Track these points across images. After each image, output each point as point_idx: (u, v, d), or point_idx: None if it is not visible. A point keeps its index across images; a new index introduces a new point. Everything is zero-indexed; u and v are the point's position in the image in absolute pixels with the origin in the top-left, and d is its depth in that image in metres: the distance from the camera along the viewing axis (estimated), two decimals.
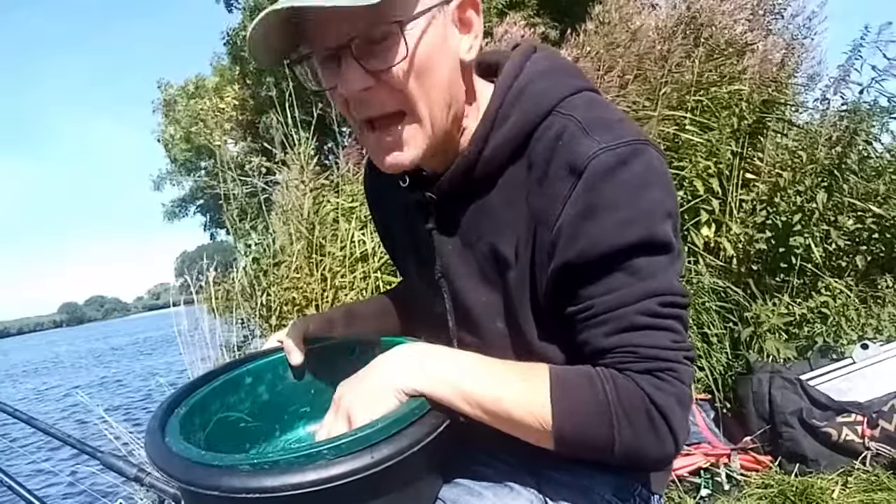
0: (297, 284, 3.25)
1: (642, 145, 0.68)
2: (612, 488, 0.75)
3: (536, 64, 0.76)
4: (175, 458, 0.66)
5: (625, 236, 0.65)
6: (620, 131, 0.68)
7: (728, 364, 2.63)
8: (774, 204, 2.80)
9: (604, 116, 0.71)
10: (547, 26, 8.44)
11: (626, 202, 0.66)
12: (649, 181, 0.67)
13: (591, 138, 0.68)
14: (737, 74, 3.31)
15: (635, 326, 0.67)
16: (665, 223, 0.67)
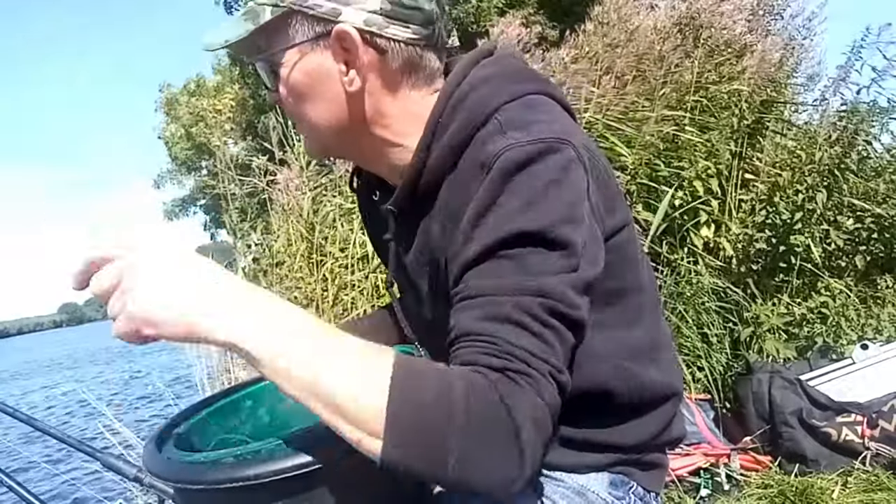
0: (297, 284, 3.25)
1: (559, 144, 0.65)
2: (607, 486, 0.75)
3: (483, 69, 0.75)
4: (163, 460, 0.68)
5: (517, 223, 0.62)
6: (539, 130, 0.67)
7: (728, 364, 2.63)
8: (774, 203, 2.79)
9: (526, 118, 0.69)
10: (545, 26, 8.43)
11: (526, 195, 0.63)
12: (557, 180, 0.64)
13: (504, 137, 0.67)
14: (736, 74, 3.31)
15: (507, 319, 0.60)
16: (566, 226, 0.63)
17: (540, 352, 0.59)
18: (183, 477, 0.65)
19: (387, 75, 0.74)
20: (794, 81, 3.72)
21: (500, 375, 0.57)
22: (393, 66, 0.74)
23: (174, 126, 16.67)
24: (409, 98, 0.77)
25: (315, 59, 0.73)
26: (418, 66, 0.76)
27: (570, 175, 0.65)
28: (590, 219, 0.66)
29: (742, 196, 3.07)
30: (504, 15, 8.24)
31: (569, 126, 0.71)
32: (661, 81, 3.17)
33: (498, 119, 0.70)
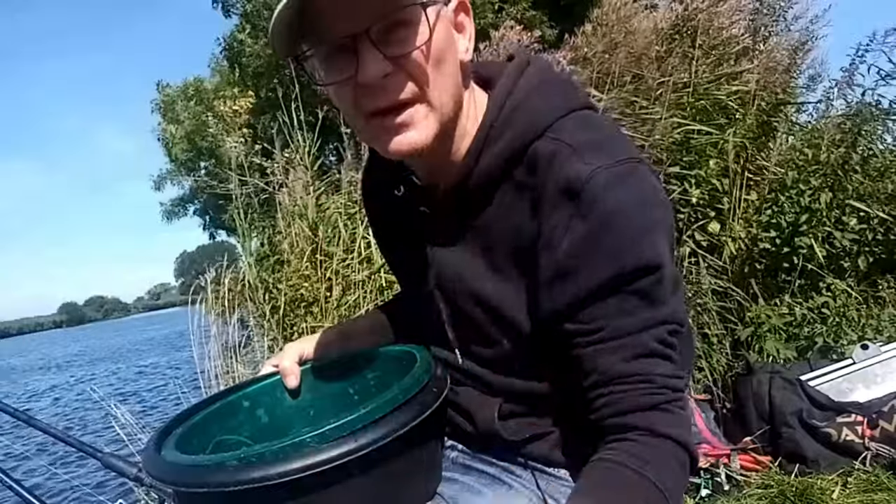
0: (301, 284, 3.26)
1: (636, 163, 0.67)
2: None
3: (530, 80, 0.75)
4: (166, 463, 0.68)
5: (631, 257, 0.64)
6: (612, 150, 0.67)
7: (728, 364, 2.63)
8: (779, 204, 2.79)
9: (594, 138, 0.69)
10: (544, 24, 8.41)
11: (628, 223, 0.65)
12: (648, 199, 0.66)
13: (583, 161, 0.66)
14: (736, 75, 3.31)
15: (652, 353, 0.66)
16: (665, 242, 0.66)
17: (675, 372, 0.67)
18: (185, 480, 0.65)
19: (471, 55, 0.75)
20: (797, 82, 3.72)
21: (664, 414, 0.66)
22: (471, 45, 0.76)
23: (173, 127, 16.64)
24: (476, 89, 0.78)
25: (443, 25, 0.69)
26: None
27: (656, 189, 0.68)
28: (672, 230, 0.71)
29: (746, 196, 3.07)
30: (499, 11, 8.22)
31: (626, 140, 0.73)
32: (660, 82, 3.17)
33: (560, 138, 0.69)
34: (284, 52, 0.69)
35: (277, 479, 0.60)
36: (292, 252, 3.44)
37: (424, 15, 0.66)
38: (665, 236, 0.66)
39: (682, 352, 0.69)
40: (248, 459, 0.62)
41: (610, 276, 0.65)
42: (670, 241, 0.68)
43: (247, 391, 0.94)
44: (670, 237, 0.68)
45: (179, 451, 0.73)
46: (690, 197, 2.82)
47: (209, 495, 0.63)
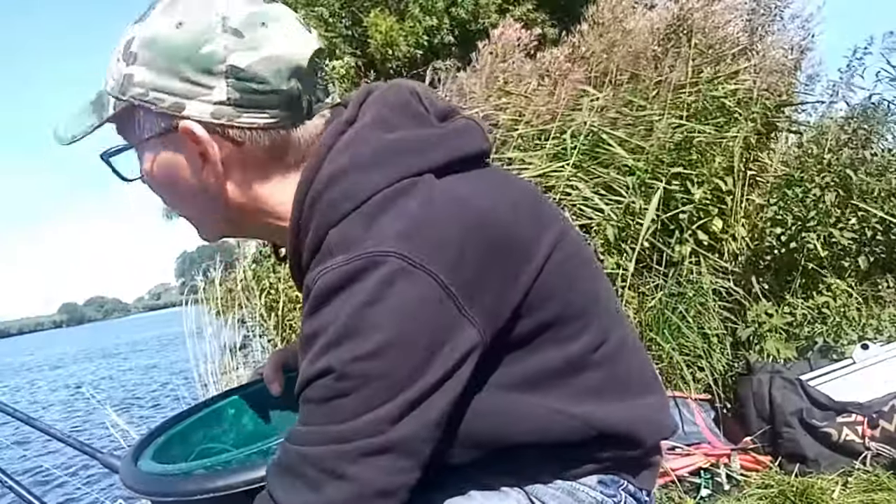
0: None
1: (380, 257, 0.58)
2: (597, 484, 0.74)
3: (338, 157, 0.67)
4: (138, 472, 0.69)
5: (321, 363, 0.58)
6: (364, 244, 0.60)
7: (728, 364, 2.63)
8: (786, 201, 2.79)
9: (360, 232, 0.62)
10: (545, 24, 8.39)
11: (335, 328, 0.58)
12: (371, 301, 0.58)
13: (326, 261, 0.62)
14: (734, 73, 3.31)
15: (288, 471, 0.60)
16: (381, 353, 0.57)
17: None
18: (155, 489, 0.65)
19: (251, 163, 0.69)
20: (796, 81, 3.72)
21: None
22: (256, 153, 0.68)
23: None
24: (286, 180, 0.71)
25: (168, 155, 0.69)
26: (287, 147, 0.69)
27: (393, 288, 0.58)
28: (441, 316, 0.59)
29: (748, 196, 3.07)
30: (504, 12, 8.20)
31: (422, 216, 0.62)
32: (656, 82, 3.17)
33: (331, 239, 0.65)
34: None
35: (244, 487, 0.60)
36: None
37: (143, 156, 0.71)
38: (378, 344, 0.57)
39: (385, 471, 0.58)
40: (215, 468, 0.63)
41: (302, 384, 0.61)
42: (402, 344, 0.58)
43: (232, 399, 0.94)
44: (398, 342, 0.57)
45: (158, 460, 0.73)
46: (693, 196, 2.82)
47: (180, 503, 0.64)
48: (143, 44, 0.66)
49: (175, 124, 0.66)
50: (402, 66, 8.35)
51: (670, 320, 2.58)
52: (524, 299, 0.65)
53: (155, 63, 0.65)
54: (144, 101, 0.66)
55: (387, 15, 8.51)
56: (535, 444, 0.70)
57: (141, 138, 0.69)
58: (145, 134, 0.69)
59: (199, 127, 0.65)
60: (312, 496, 0.57)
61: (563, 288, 0.68)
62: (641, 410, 0.75)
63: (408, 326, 0.58)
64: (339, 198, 0.65)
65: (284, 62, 0.66)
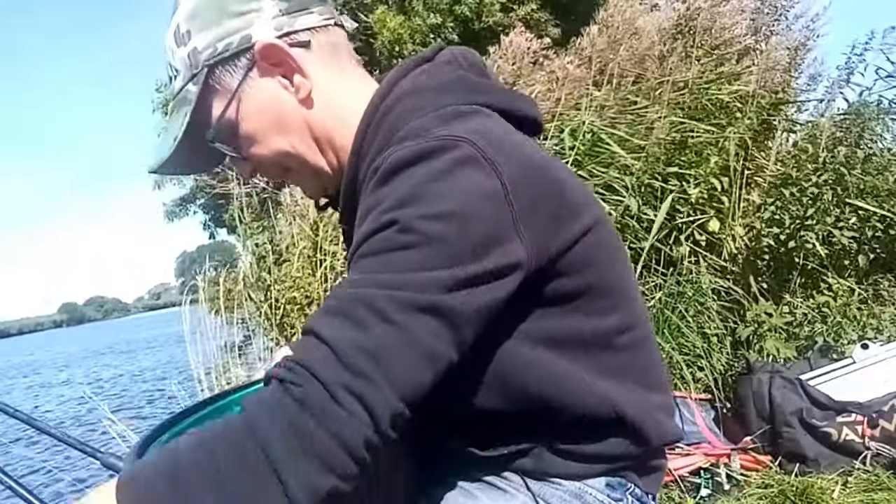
0: (299, 284, 3.25)
1: (455, 141, 0.60)
2: (604, 487, 0.74)
3: (413, 80, 0.72)
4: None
5: (387, 216, 0.59)
6: (438, 131, 0.63)
7: (728, 364, 2.63)
8: (783, 200, 2.79)
9: (435, 126, 0.65)
10: (549, 23, 8.37)
11: (404, 190, 0.59)
12: (441, 174, 0.59)
13: (403, 143, 0.64)
14: (737, 75, 3.31)
15: (337, 312, 0.57)
16: (444, 219, 0.57)
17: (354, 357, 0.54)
18: None
19: (324, 62, 0.75)
20: (797, 81, 3.72)
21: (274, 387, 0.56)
22: (324, 51, 0.75)
23: None
24: (351, 78, 0.77)
25: (257, 94, 0.73)
26: (339, 44, 0.77)
27: (464, 170, 0.60)
28: (500, 215, 0.60)
29: (746, 195, 3.07)
30: (507, 11, 8.18)
31: (492, 131, 0.65)
32: (659, 81, 3.17)
33: (403, 133, 0.67)
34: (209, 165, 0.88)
35: None
36: (292, 251, 3.44)
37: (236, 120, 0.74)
38: (441, 211, 0.58)
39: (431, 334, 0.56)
40: None
41: (363, 238, 0.60)
42: (464, 220, 0.58)
43: (239, 395, 0.93)
44: (461, 216, 0.58)
45: None
46: (689, 196, 2.82)
47: None
48: (187, 19, 0.72)
49: (252, 55, 0.72)
50: None
51: (670, 320, 2.58)
52: (565, 253, 0.66)
53: (206, 21, 0.72)
54: (218, 55, 0.72)
55: (393, 14, 8.50)
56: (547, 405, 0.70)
57: (231, 90, 0.73)
58: (234, 83, 0.73)
59: (272, 40, 0.71)
60: (360, 334, 0.55)
61: (600, 262, 0.70)
62: (651, 406, 0.75)
63: (472, 208, 0.59)
64: (413, 107, 0.69)
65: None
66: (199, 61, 0.72)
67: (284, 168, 0.78)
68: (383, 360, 0.54)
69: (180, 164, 0.78)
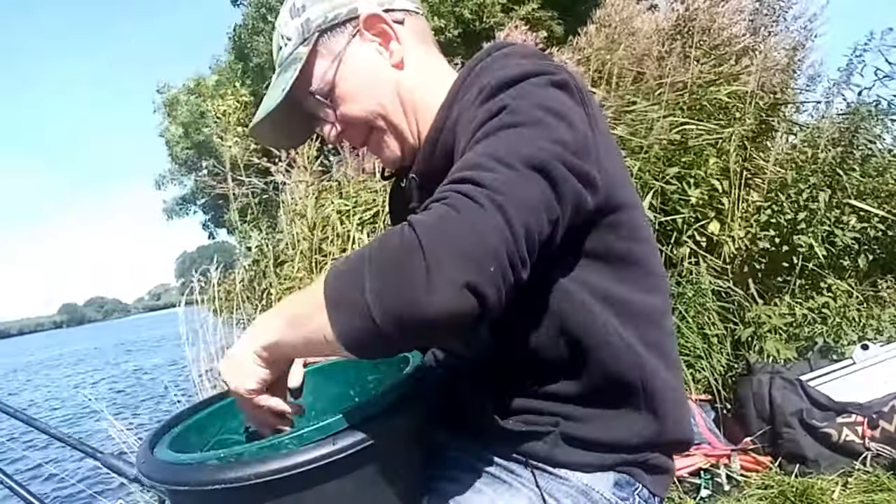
0: (298, 285, 3.26)
1: (558, 71, 0.70)
2: (611, 486, 0.75)
3: (504, 50, 0.79)
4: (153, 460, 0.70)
5: (494, 107, 0.65)
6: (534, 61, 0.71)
7: (728, 365, 2.63)
8: (779, 203, 2.80)
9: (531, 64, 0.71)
10: (552, 21, 8.39)
11: (517, 92, 0.66)
12: (550, 87, 0.67)
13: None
14: (736, 75, 3.31)
15: (475, 166, 0.60)
16: (561, 114, 0.64)
17: (491, 181, 0.58)
18: (168, 478, 0.66)
19: (412, 40, 0.84)
20: (796, 82, 3.72)
21: (434, 205, 0.59)
22: (416, 32, 0.84)
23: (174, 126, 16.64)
24: (436, 58, 0.86)
25: (357, 57, 0.81)
26: (425, 31, 0.86)
27: (563, 92, 0.68)
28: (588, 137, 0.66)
29: (745, 196, 3.08)
30: (508, 11, 8.20)
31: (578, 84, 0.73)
32: (661, 81, 3.17)
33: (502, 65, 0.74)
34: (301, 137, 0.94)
35: (254, 480, 0.61)
36: (291, 251, 3.44)
37: (335, 81, 0.81)
38: (557, 109, 0.65)
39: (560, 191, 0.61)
40: (227, 459, 0.63)
41: (484, 120, 0.65)
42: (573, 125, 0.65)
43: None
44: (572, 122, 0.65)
45: (174, 448, 0.73)
46: (689, 197, 2.82)
47: (191, 493, 0.65)
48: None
49: (357, 24, 0.81)
50: None
51: None
52: (618, 212, 0.72)
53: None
54: (328, 23, 0.81)
55: None
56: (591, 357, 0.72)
57: (335, 53, 0.81)
58: (339, 47, 0.81)
59: (375, 9, 0.81)
60: (495, 174, 0.58)
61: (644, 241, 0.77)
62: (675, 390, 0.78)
63: (573, 116, 0.65)
64: (505, 64, 0.73)
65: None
66: (312, 27, 0.81)
67: (370, 128, 0.84)
68: (513, 196, 0.57)
69: (277, 128, 0.86)
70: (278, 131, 0.88)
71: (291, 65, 0.82)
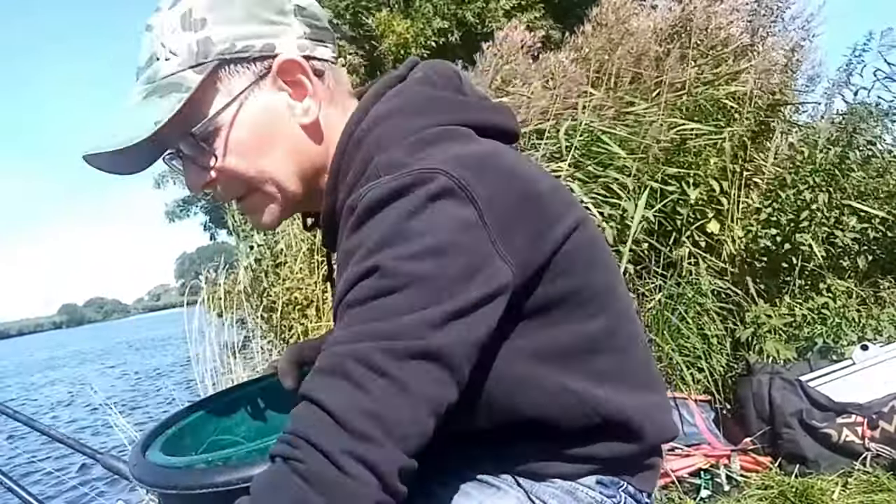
0: (298, 285, 3.26)
1: (428, 174, 0.59)
2: (596, 484, 0.75)
3: (386, 103, 0.71)
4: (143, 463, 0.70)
5: (368, 262, 0.58)
6: (411, 162, 0.62)
7: (728, 365, 2.63)
8: (779, 201, 2.80)
9: (407, 159, 0.64)
10: (552, 28, 8.42)
11: (381, 232, 0.59)
12: (416, 212, 0.58)
13: (374, 179, 0.63)
14: (734, 75, 3.32)
15: (333, 371, 0.56)
16: (425, 258, 0.57)
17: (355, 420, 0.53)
18: (158, 481, 0.67)
19: (330, 96, 0.74)
20: (795, 83, 3.73)
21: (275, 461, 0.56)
22: (330, 85, 0.74)
23: None
24: (347, 108, 0.75)
25: (259, 105, 0.70)
26: (343, 81, 0.77)
27: (438, 203, 0.59)
28: (479, 241, 0.60)
29: (745, 197, 3.08)
30: (510, 17, 8.23)
31: (465, 154, 0.64)
32: (655, 82, 3.17)
33: (377, 163, 0.65)
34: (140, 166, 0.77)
35: (242, 484, 0.61)
36: (287, 253, 3.44)
37: (219, 125, 0.69)
38: (422, 249, 0.57)
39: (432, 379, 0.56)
40: (215, 463, 0.64)
41: (346, 287, 0.60)
42: (442, 255, 0.58)
43: (245, 391, 0.95)
44: (441, 252, 0.58)
45: (167, 450, 0.74)
46: (689, 197, 2.82)
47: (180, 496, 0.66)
48: (206, 7, 0.68)
49: (269, 65, 0.69)
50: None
51: (670, 321, 2.58)
52: (550, 260, 0.65)
53: (232, 17, 0.68)
54: (235, 53, 0.68)
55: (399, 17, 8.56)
56: (540, 421, 0.69)
57: (234, 92, 0.69)
58: (237, 87, 0.69)
59: (297, 56, 0.69)
60: (360, 395, 0.54)
61: (584, 265, 0.69)
62: (648, 406, 0.75)
63: (451, 239, 0.58)
64: (386, 134, 0.68)
65: (320, 7, 0.76)
66: (211, 52, 0.67)
67: (251, 188, 0.73)
68: (384, 418, 0.54)
69: (121, 154, 0.69)
70: (121, 158, 0.70)
71: (172, 91, 0.67)
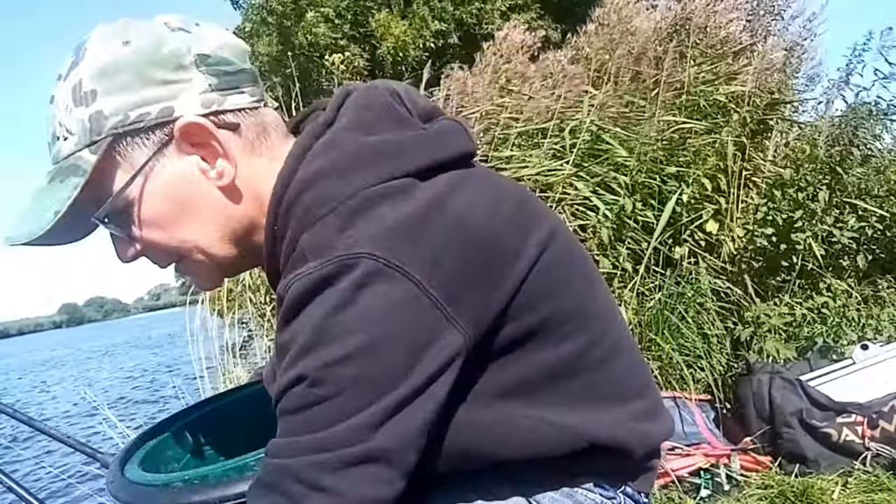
0: None
1: (353, 259, 0.55)
2: (595, 487, 0.74)
3: (313, 161, 0.65)
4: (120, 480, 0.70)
5: (295, 370, 0.56)
6: (335, 248, 0.57)
7: (728, 364, 2.63)
8: (776, 201, 2.80)
9: (333, 236, 0.59)
10: (550, 28, 8.43)
11: (306, 335, 0.56)
12: (343, 305, 0.55)
13: (301, 265, 0.60)
14: (733, 74, 3.32)
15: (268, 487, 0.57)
16: (358, 356, 0.55)
17: None
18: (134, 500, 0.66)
19: (250, 148, 0.68)
20: (795, 82, 3.73)
21: None
22: (250, 136, 0.68)
23: None
24: (279, 163, 0.67)
25: (168, 173, 0.65)
26: (269, 125, 0.70)
27: (367, 290, 0.55)
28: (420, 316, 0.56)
29: (744, 195, 3.08)
30: (508, 18, 8.24)
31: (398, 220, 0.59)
32: (653, 80, 3.18)
33: (304, 244, 0.62)
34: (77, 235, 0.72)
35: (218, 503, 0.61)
36: None
37: (129, 199, 0.64)
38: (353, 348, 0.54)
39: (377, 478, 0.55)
40: (192, 481, 0.64)
41: (278, 395, 0.59)
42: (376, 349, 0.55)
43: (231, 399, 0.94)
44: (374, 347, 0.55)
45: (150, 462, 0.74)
46: (686, 195, 2.82)
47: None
48: (97, 76, 0.62)
49: (170, 130, 0.63)
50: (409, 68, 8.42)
51: (670, 321, 2.58)
52: (511, 302, 0.62)
53: (122, 84, 0.62)
54: (129, 125, 0.62)
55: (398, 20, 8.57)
56: (525, 457, 0.67)
57: (137, 165, 0.63)
58: (142, 158, 0.63)
59: (198, 118, 0.63)
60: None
61: (551, 291, 0.65)
62: (634, 418, 0.73)
63: (382, 330, 0.55)
64: (314, 202, 0.62)
65: (235, 45, 0.68)
66: (104, 128, 0.62)
67: (179, 256, 0.70)
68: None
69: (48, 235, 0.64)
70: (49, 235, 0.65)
71: (70, 174, 0.62)
